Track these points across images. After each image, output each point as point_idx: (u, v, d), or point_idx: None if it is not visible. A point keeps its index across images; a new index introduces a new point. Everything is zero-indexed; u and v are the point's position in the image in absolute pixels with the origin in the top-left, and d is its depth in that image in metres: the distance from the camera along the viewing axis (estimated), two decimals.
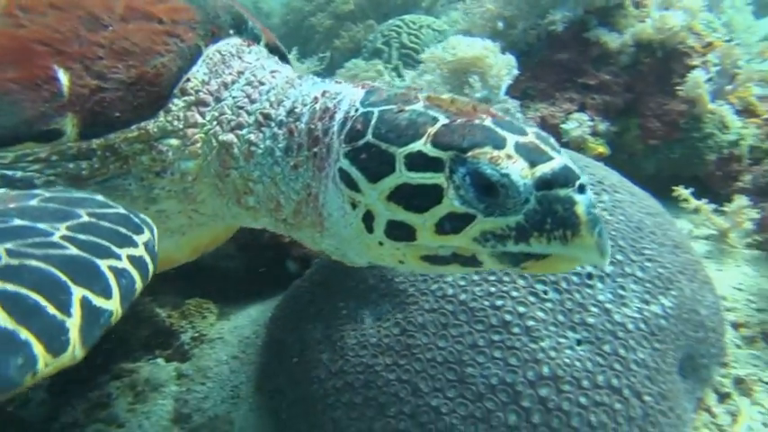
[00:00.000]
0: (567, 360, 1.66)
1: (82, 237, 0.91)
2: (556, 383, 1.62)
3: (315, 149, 1.32)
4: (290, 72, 1.56)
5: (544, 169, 1.12)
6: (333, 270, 2.02)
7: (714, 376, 2.01)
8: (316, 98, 1.37)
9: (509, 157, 1.11)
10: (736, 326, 2.37)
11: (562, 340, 1.69)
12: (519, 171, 1.11)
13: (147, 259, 0.97)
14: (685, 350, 1.85)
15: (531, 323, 1.70)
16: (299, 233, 1.46)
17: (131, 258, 0.93)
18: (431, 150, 1.15)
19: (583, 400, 1.61)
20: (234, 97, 1.44)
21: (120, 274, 0.88)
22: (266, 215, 1.46)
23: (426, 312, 1.76)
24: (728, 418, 1.96)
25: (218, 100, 1.43)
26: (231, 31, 1.54)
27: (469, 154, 1.12)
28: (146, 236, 1.01)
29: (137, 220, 1.04)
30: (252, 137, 1.39)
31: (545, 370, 1.63)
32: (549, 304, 1.75)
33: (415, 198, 1.16)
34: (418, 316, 1.76)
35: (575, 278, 1.80)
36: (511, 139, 1.14)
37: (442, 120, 1.18)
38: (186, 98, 1.40)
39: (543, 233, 1.11)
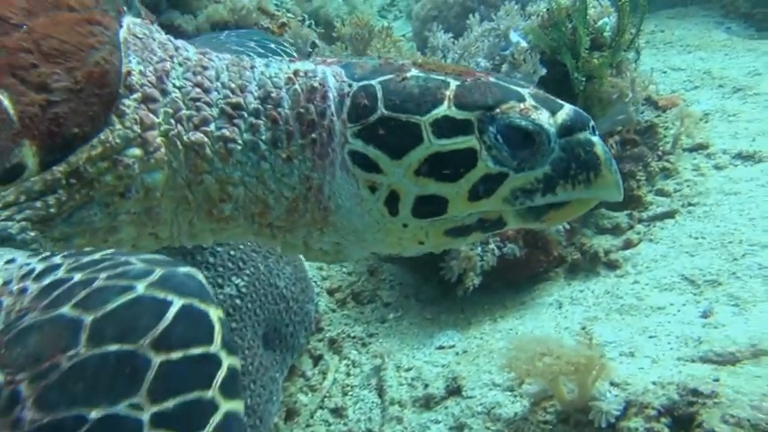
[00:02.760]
0: None
1: None
2: None
3: (312, 135, 1.21)
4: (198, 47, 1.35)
5: (563, 116, 1.16)
6: None
7: (305, 342, 2.10)
8: (290, 79, 1.24)
9: (535, 108, 1.14)
10: (330, 292, 2.54)
11: None
12: (547, 120, 1.14)
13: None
14: (268, 323, 1.87)
15: None
16: (287, 237, 1.30)
17: None
18: (457, 113, 1.13)
19: None
20: (179, 87, 1.22)
21: None
22: (245, 223, 1.28)
23: None
24: (321, 377, 2.07)
25: (164, 93, 1.20)
26: (124, 7, 1.30)
27: (498, 110, 1.13)
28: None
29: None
30: (225, 132, 1.20)
31: None
32: None
33: (447, 166, 1.13)
34: None
35: None
36: (525, 92, 1.17)
37: (454, 82, 1.16)
38: (134, 96, 1.17)
39: (569, 179, 1.15)
